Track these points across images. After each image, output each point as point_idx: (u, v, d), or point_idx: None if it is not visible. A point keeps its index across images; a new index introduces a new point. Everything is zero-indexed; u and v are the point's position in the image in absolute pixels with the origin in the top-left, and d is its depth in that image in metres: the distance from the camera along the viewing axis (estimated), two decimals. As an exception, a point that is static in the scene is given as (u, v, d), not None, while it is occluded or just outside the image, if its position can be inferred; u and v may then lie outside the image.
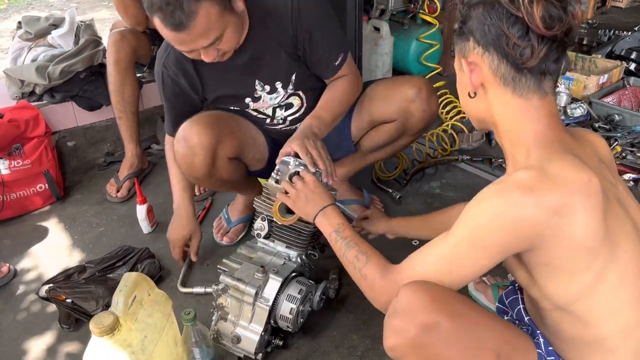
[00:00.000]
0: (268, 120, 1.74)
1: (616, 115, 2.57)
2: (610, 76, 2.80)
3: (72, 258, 1.95)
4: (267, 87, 1.62)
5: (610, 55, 3.11)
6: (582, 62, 2.97)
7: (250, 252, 1.52)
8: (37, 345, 1.58)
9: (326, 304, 1.59)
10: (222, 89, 1.63)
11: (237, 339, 1.40)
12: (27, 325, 1.66)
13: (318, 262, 1.65)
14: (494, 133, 1.04)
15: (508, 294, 1.26)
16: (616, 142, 2.39)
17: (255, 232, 1.52)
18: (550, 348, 1.04)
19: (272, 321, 1.43)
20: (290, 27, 1.51)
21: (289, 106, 1.71)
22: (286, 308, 1.40)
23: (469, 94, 1.00)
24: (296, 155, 1.43)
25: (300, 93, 1.69)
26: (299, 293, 1.41)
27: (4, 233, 2.11)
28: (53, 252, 1.99)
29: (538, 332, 1.07)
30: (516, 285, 1.25)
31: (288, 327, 1.43)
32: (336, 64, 1.61)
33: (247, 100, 1.65)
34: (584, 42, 3.41)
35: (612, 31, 3.67)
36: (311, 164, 1.41)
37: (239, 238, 1.97)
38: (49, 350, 1.57)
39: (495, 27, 0.91)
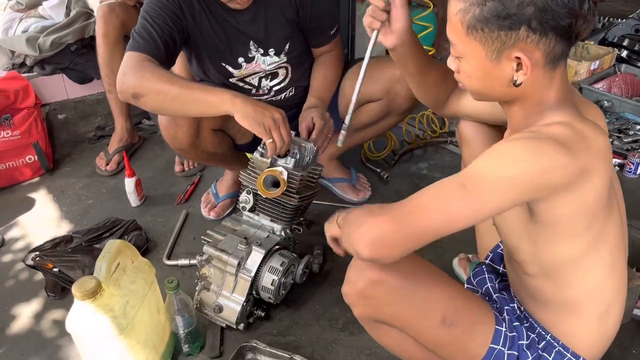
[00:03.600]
0: (253, 91, 1.75)
1: (605, 102, 2.58)
2: (601, 62, 2.80)
3: (60, 229, 1.96)
4: (261, 50, 1.65)
5: (603, 42, 3.11)
6: (575, 48, 2.96)
7: (235, 225, 1.54)
8: (24, 312, 1.61)
9: (309, 278, 1.62)
10: (219, 39, 1.62)
11: (219, 309, 1.42)
12: (14, 292, 1.68)
13: (303, 238, 1.67)
14: (501, 105, 0.99)
15: (476, 274, 1.28)
16: (604, 128, 2.41)
17: (240, 205, 1.54)
18: (515, 324, 1.06)
19: (254, 292, 1.45)
20: None
21: (274, 76, 1.73)
22: (268, 279, 1.42)
23: (513, 83, 0.89)
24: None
25: (288, 65, 1.71)
26: (281, 265, 1.43)
27: (-7, 203, 2.12)
28: (41, 223, 2.00)
29: (506, 308, 1.10)
30: (484, 267, 1.28)
31: (270, 298, 1.45)
32: (331, 33, 1.69)
33: (240, 60, 1.66)
34: (578, 29, 3.40)
35: (606, 18, 3.66)
36: (315, 140, 1.51)
37: (226, 213, 1.99)
38: (36, 317, 1.59)
39: (565, 10, 0.82)
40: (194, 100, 1.38)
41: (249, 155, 1.89)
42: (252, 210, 1.54)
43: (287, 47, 1.66)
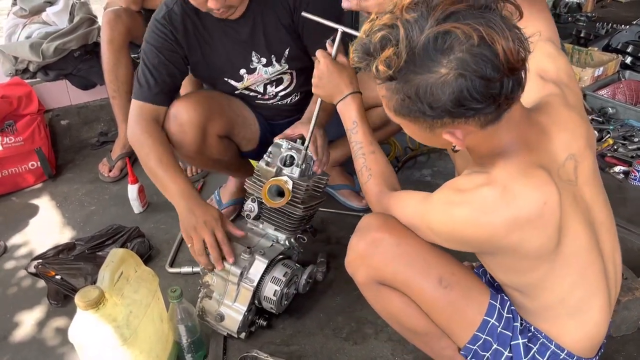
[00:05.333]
0: (259, 96, 1.75)
1: (610, 108, 2.58)
2: (605, 69, 2.79)
3: (63, 236, 1.96)
4: (264, 60, 1.63)
5: (607, 48, 3.10)
6: (579, 54, 2.96)
7: (239, 233, 1.53)
8: (26, 320, 1.60)
9: (313, 287, 1.61)
10: (218, 56, 1.62)
11: (221, 317, 1.42)
12: (16, 300, 1.68)
13: (307, 246, 1.65)
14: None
15: (480, 267, 1.32)
16: (608, 135, 2.40)
17: (245, 213, 1.53)
18: (513, 308, 1.11)
19: (256, 302, 1.44)
20: (291, 0, 1.54)
21: (279, 82, 1.72)
22: (270, 290, 1.41)
23: (452, 149, 0.94)
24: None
25: (292, 70, 1.69)
26: (284, 276, 1.42)
27: (-4, 209, 2.12)
28: (44, 230, 2.00)
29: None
30: None
31: (272, 308, 1.44)
32: (330, 40, 1.59)
33: (242, 72, 1.65)
34: (582, 35, 3.40)
35: (610, 24, 3.65)
36: (314, 152, 1.44)
37: (230, 220, 1.98)
38: (38, 325, 1.58)
39: (482, 105, 0.80)
40: (160, 186, 1.51)
41: (254, 163, 1.88)
42: (256, 218, 1.53)
43: (286, 52, 1.64)
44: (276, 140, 1.47)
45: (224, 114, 1.67)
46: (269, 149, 1.46)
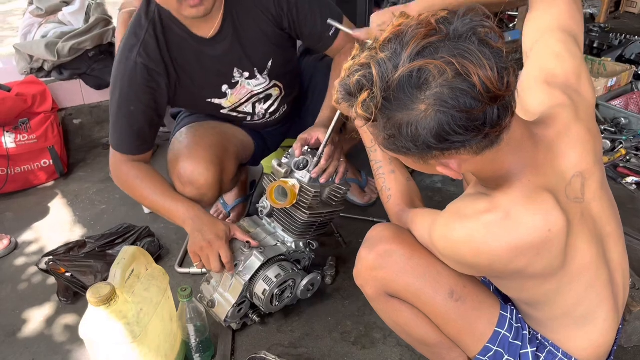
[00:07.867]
0: (249, 118, 1.70)
1: (622, 119, 2.56)
2: (618, 79, 2.78)
3: (73, 233, 1.97)
4: (246, 74, 1.56)
5: (620, 59, 3.09)
6: (592, 64, 2.95)
7: (251, 227, 1.54)
8: (36, 316, 1.61)
9: (322, 290, 1.61)
10: (197, 79, 1.54)
11: (212, 304, 1.45)
12: (26, 296, 1.69)
13: (316, 250, 1.65)
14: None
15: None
16: (621, 145, 2.38)
17: (259, 209, 1.54)
18: (520, 316, 1.11)
19: (249, 296, 1.45)
20: (272, 7, 1.46)
21: (267, 98, 1.66)
22: (260, 288, 1.42)
23: (451, 179, 0.93)
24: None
25: (278, 83, 1.63)
26: (276, 277, 1.41)
27: (7, 206, 2.14)
28: (54, 227, 2.01)
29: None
30: None
31: (261, 306, 1.45)
32: (330, 34, 1.53)
33: (224, 88, 1.57)
34: (595, 45, 3.39)
35: (624, 35, 3.64)
36: (327, 156, 1.40)
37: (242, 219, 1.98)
38: (47, 321, 1.59)
39: (467, 137, 0.78)
40: (165, 215, 1.50)
41: (265, 163, 1.88)
42: (269, 215, 1.53)
43: (269, 64, 1.56)
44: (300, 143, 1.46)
45: (232, 155, 1.64)
46: (289, 150, 1.45)
